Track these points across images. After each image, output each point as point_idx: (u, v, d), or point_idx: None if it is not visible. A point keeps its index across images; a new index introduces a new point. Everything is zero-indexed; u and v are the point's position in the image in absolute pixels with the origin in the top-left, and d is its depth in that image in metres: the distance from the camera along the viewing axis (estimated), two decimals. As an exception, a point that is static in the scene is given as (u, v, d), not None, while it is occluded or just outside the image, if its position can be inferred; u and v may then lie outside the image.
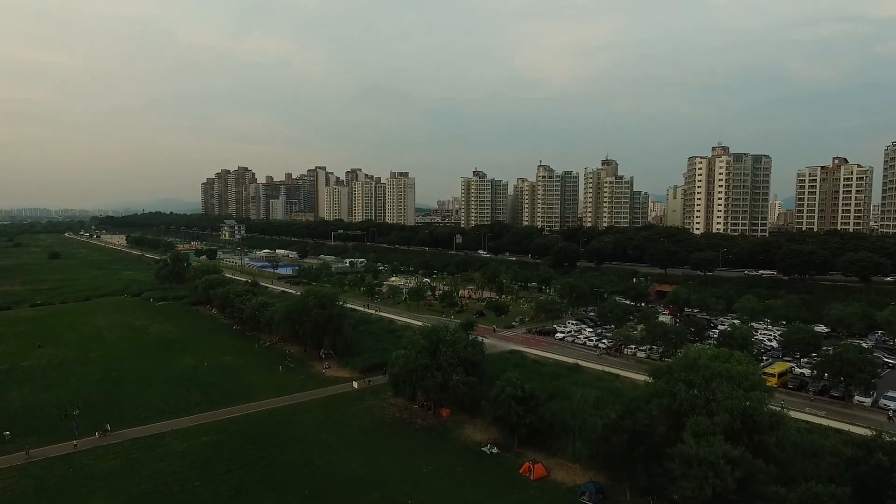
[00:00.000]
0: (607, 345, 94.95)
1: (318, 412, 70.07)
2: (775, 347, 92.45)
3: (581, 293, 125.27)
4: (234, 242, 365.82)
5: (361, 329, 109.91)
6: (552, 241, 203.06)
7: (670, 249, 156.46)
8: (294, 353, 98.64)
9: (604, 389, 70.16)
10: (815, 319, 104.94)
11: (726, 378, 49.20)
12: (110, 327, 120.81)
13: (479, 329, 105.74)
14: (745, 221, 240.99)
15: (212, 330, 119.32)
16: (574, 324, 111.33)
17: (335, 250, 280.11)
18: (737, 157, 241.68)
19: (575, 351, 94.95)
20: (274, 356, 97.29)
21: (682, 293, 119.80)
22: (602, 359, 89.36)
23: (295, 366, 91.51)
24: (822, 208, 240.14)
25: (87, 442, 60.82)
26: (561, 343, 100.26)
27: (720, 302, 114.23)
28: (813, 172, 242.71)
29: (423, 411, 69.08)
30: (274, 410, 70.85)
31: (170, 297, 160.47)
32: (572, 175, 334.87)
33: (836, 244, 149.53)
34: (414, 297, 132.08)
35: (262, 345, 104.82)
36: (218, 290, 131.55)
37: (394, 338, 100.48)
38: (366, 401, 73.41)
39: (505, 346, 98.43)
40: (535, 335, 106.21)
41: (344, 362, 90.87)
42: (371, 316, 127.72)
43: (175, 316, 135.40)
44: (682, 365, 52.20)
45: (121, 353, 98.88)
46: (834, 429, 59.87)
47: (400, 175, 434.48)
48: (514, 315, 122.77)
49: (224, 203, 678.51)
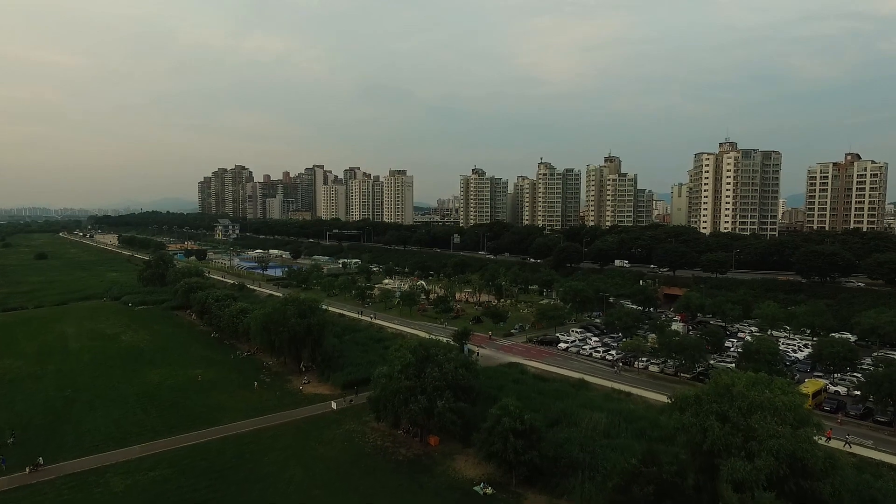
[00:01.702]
0: (616, 357, 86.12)
1: (290, 439, 61.41)
2: (801, 360, 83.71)
3: (585, 298, 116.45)
4: (227, 242, 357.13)
5: (347, 338, 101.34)
6: (554, 241, 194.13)
7: (679, 250, 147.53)
8: (272, 364, 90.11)
9: (614, 413, 61.44)
10: (842, 327, 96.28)
11: (769, 410, 40.57)
12: (78, 335, 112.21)
13: (475, 337, 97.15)
14: (753, 220, 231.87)
15: (188, 338, 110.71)
16: (578, 332, 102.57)
17: (330, 250, 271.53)
18: (745, 153, 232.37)
19: (580, 364, 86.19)
20: (250, 368, 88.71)
21: (695, 298, 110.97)
22: (611, 373, 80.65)
23: (271, 380, 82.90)
24: (835, 206, 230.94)
25: (15, 479, 52.20)
26: (564, 354, 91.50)
27: (736, 308, 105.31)
28: (824, 169, 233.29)
29: (408, 438, 60.39)
30: (240, 436, 62.18)
31: (151, 301, 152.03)
32: (574, 172, 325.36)
33: (855, 244, 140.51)
34: (407, 301, 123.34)
35: (240, 355, 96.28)
36: (197, 295, 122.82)
37: (381, 348, 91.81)
38: (344, 424, 64.70)
39: (503, 357, 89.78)
40: (536, 345, 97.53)
41: (325, 377, 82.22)
42: (359, 323, 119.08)
43: (152, 322, 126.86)
44: (714, 393, 43.41)
45: (82, 367, 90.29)
46: (888, 464, 51.17)
47: (398, 173, 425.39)
48: (514, 322, 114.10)
49: (221, 202, 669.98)
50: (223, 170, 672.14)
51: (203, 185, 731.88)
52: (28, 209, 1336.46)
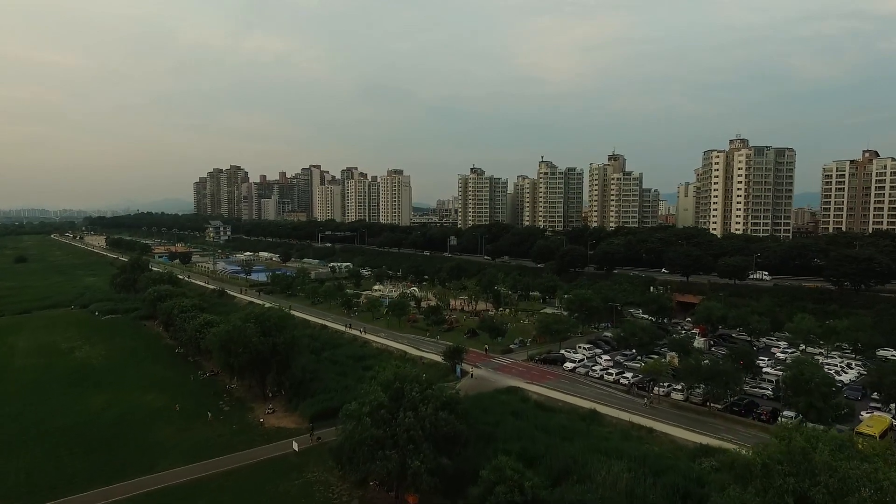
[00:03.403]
0: (632, 380, 74.27)
1: (236, 493, 49.73)
2: (848, 385, 72.00)
3: (593, 308, 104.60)
4: (217, 244, 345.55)
5: (326, 355, 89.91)
6: (556, 244, 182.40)
7: (693, 254, 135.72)
8: (235, 388, 78.48)
9: (636, 460, 49.61)
10: (888, 343, 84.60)
11: (872, 485, 28.98)
12: (28, 351, 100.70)
13: (470, 354, 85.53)
14: (766, 221, 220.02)
15: (149, 354, 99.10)
16: (586, 348, 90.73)
17: (321, 253, 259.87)
18: (758, 150, 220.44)
19: (590, 389, 74.38)
20: (210, 393, 77.10)
21: (716, 308, 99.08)
22: (626, 400, 68.95)
23: (231, 408, 71.33)
24: (852, 206, 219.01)
25: None
26: (571, 376, 79.63)
27: (763, 320, 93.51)
28: (841, 167, 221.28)
29: (381, 493, 48.76)
30: (174, 489, 50.54)
31: (121, 309, 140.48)
32: (576, 172, 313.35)
33: (886, 247, 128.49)
34: (395, 311, 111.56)
35: (201, 376, 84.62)
36: (165, 304, 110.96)
37: (361, 368, 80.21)
38: (306, 472, 52.95)
39: (501, 380, 78.04)
40: (538, 364, 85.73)
41: (293, 404, 70.57)
42: (342, 336, 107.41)
43: (116, 334, 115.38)
44: (787, 461, 31.76)
45: (18, 390, 78.76)
46: None
47: (395, 173, 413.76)
48: (513, 335, 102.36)
49: (216, 203, 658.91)
50: (218, 170, 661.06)
51: (198, 186, 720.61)
52: (27, 210, 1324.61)
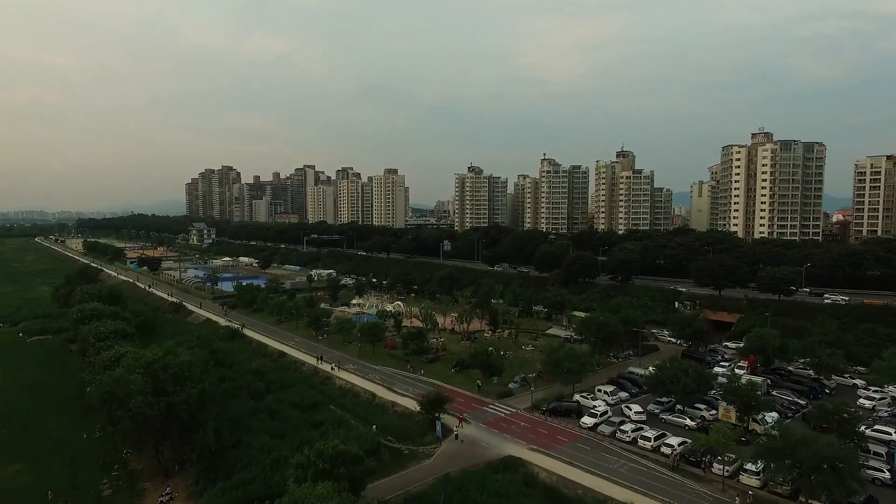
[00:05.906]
0: (677, 448, 53.23)
1: None
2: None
3: (611, 332, 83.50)
4: (199, 248, 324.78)
5: (270, 400, 69.17)
6: (562, 249, 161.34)
7: (726, 263, 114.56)
8: (132, 456, 57.65)
9: None
10: None
11: None
12: None
13: (456, 400, 64.95)
14: (794, 223, 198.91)
15: (53, 395, 78.47)
16: (608, 391, 69.61)
17: (306, 258, 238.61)
18: (784, 144, 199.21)
19: (620, 460, 53.33)
20: (98, 462, 56.44)
21: (771, 336, 77.86)
22: (680, 486, 48.12)
23: (115, 490, 50.68)
24: (888, 206, 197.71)
25: None
26: (592, 437, 58.45)
27: (836, 353, 72.39)
28: (876, 164, 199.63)
29: None
30: None
31: (53, 329, 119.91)
32: (581, 170, 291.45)
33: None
34: (368, 337, 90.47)
35: (97, 435, 63.20)
36: (88, 328, 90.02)
37: (309, 425, 59.53)
38: None
39: (496, 443, 57.05)
40: (546, 416, 64.71)
41: (203, 485, 49.85)
42: (299, 368, 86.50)
43: (29, 363, 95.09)
44: None
45: None
46: None
47: (389, 172, 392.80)
48: (514, 369, 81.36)
49: (208, 204, 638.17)
50: (210, 170, 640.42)
51: (190, 187, 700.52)
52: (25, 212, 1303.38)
